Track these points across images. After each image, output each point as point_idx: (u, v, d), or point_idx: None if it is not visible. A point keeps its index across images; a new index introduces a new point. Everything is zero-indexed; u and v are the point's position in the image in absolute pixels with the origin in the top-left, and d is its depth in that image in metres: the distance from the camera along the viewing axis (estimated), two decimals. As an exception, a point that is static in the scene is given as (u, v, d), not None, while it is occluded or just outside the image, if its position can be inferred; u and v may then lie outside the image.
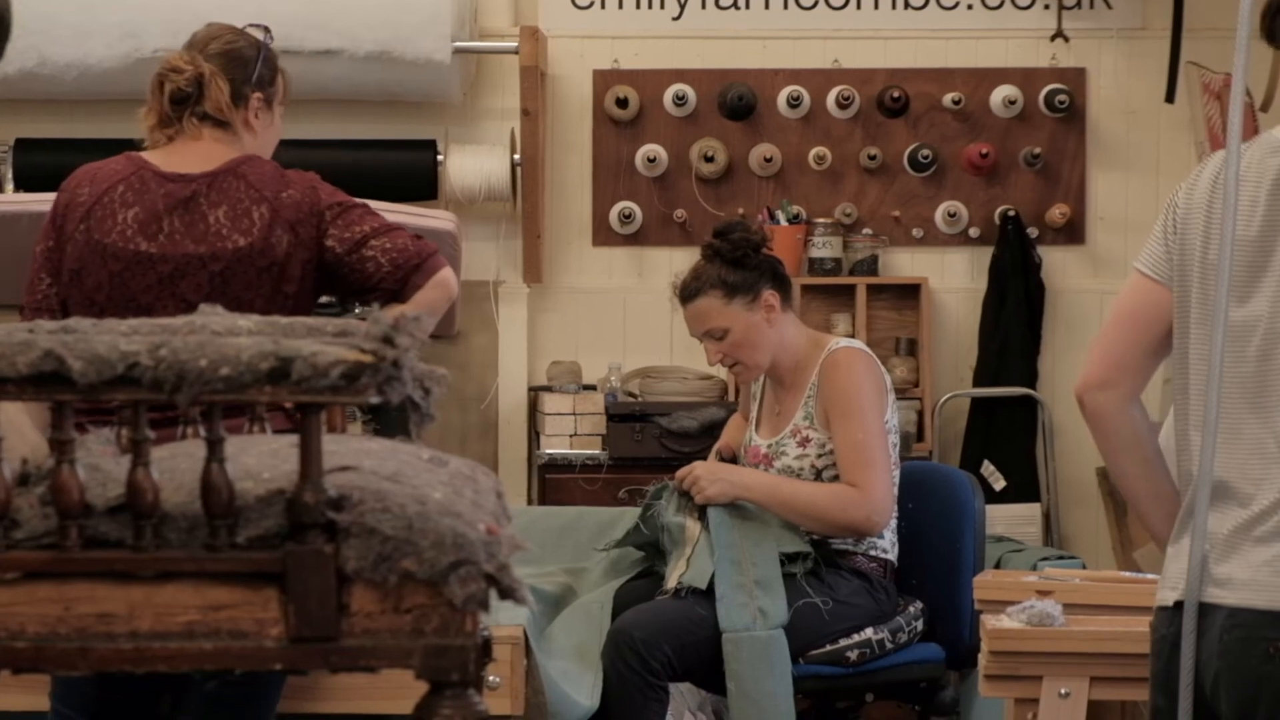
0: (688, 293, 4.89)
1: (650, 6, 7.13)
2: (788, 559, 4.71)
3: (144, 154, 4.06)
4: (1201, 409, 2.86)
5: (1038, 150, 7.10)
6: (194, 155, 4.01)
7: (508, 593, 2.43)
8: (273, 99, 4.19)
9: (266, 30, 4.19)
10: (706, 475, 4.80)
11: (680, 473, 4.85)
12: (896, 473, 4.82)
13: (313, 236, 3.99)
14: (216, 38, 4.13)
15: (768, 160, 7.11)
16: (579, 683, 4.57)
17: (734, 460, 5.02)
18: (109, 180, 4.02)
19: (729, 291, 4.83)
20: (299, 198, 4.02)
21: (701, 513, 4.79)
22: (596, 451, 6.76)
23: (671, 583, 4.75)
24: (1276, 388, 2.84)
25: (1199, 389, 2.88)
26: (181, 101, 4.02)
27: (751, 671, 4.58)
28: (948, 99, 7.11)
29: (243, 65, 4.10)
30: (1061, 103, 7.08)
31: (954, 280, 7.18)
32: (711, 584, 4.66)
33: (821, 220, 7.06)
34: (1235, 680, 2.81)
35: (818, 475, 4.81)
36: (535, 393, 7.02)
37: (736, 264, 4.84)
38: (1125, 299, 3.06)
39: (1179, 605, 2.88)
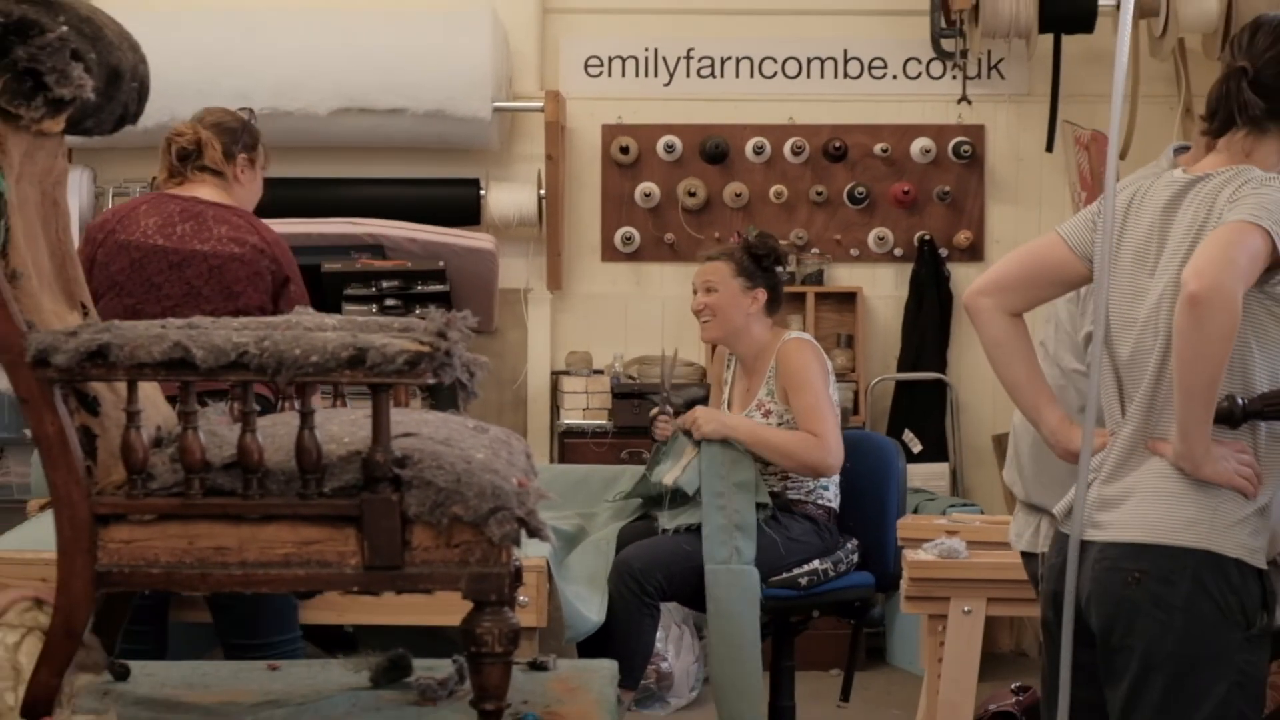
0: (712, 255, 4.95)
1: (647, 75, 7.12)
2: (758, 508, 4.71)
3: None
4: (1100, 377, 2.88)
5: (947, 188, 7.10)
6: (201, 191, 4.21)
7: (534, 532, 2.42)
8: (255, 160, 4.36)
9: (251, 111, 4.39)
10: (704, 416, 4.80)
11: (684, 417, 4.85)
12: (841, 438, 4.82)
13: (279, 278, 4.14)
14: (210, 113, 4.37)
15: (738, 195, 7.11)
16: (590, 602, 4.57)
17: None
18: (132, 206, 4.25)
19: (738, 269, 4.87)
20: (281, 253, 4.17)
21: (696, 446, 4.79)
22: (604, 422, 6.76)
23: (669, 480, 4.75)
24: (1138, 374, 2.83)
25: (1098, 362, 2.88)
26: (185, 158, 4.22)
27: (727, 595, 4.57)
28: (878, 148, 7.11)
29: (231, 133, 4.29)
30: (966, 151, 7.08)
31: (883, 289, 7.18)
32: (697, 526, 4.66)
33: (780, 242, 7.04)
34: (1102, 600, 2.80)
35: (776, 439, 4.81)
36: (556, 376, 7.02)
37: (756, 259, 4.89)
38: (1034, 244, 3.04)
39: (1064, 538, 2.88)
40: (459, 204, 6.89)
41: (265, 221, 4.24)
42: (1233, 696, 2.71)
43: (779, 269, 4.94)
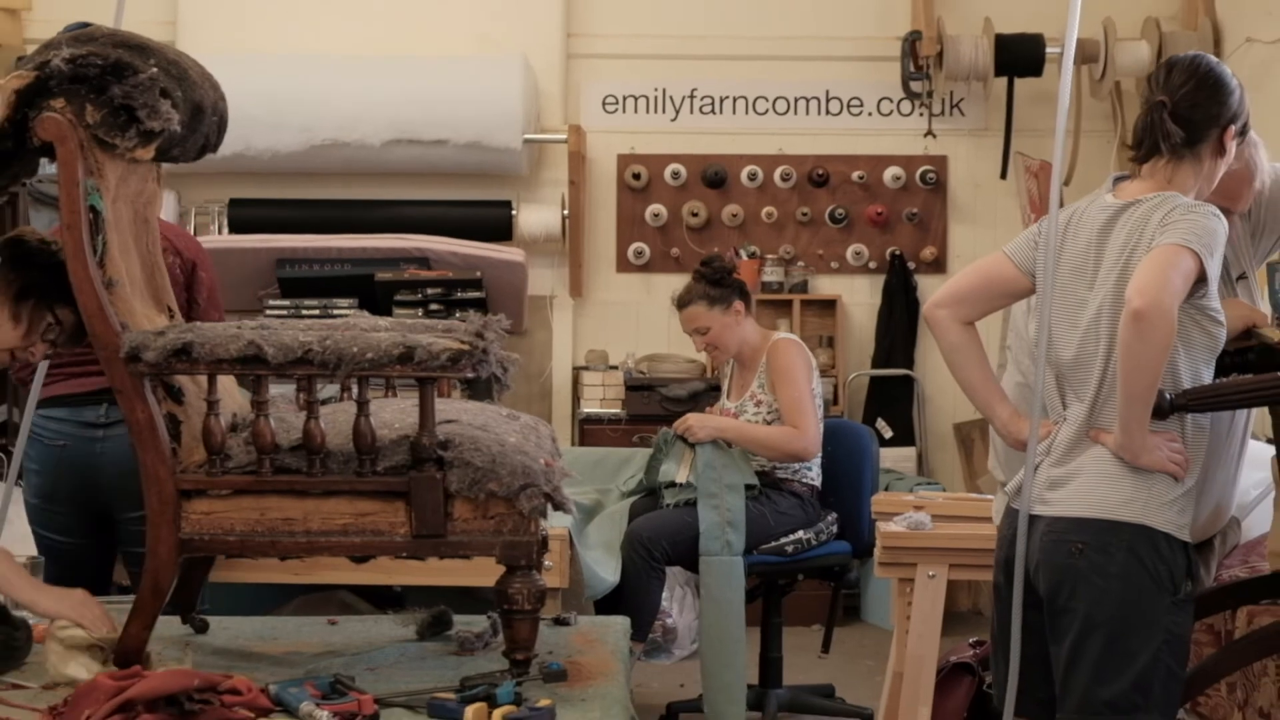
0: (682, 302, 4.87)
1: (656, 111, 7.11)
2: (747, 488, 4.70)
3: None
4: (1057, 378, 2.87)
5: (915, 210, 7.08)
6: None
7: (559, 505, 2.42)
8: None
9: None
10: (696, 423, 4.77)
11: (678, 423, 4.83)
12: (821, 426, 4.80)
13: (185, 267, 3.87)
14: None
15: (734, 215, 7.09)
16: (605, 566, 4.56)
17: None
18: None
19: (711, 302, 4.80)
20: (184, 245, 3.89)
21: (692, 448, 4.77)
22: (618, 411, 6.75)
23: (681, 479, 4.72)
24: (1083, 373, 2.82)
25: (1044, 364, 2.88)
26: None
27: (717, 583, 4.54)
28: (855, 175, 7.09)
29: None
30: (931, 178, 7.06)
31: (859, 297, 7.16)
32: (695, 500, 4.64)
33: (770, 256, 7.04)
34: (1049, 568, 2.79)
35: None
36: (577, 371, 7.01)
37: (716, 283, 4.82)
38: (983, 261, 3.02)
39: (1015, 511, 2.87)
40: (494, 222, 6.89)
41: (168, 220, 3.93)
42: (1162, 654, 2.71)
43: (734, 275, 4.89)
